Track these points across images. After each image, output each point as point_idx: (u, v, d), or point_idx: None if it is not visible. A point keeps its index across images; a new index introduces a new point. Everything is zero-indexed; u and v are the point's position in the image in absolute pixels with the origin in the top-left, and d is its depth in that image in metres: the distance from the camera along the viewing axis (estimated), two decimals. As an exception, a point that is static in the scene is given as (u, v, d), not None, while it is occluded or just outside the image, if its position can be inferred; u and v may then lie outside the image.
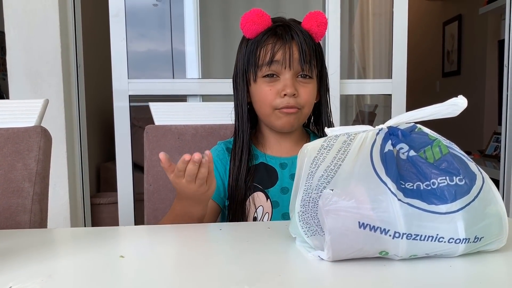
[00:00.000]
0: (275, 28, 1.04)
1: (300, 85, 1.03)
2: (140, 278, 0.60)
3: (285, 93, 1.01)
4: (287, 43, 1.01)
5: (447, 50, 5.03)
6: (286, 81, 1.01)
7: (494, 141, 3.83)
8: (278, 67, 1.02)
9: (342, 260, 0.63)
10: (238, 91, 1.09)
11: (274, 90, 1.02)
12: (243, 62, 1.07)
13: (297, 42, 1.02)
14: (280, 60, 1.01)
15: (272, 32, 1.03)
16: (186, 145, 1.28)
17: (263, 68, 1.03)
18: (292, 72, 1.02)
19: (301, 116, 1.06)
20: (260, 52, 1.03)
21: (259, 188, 1.06)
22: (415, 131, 0.69)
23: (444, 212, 0.60)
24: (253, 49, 1.04)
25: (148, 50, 3.11)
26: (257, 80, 1.04)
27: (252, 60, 1.04)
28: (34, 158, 1.07)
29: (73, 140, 2.18)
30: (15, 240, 0.78)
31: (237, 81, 1.09)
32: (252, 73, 1.05)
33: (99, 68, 2.66)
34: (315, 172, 0.66)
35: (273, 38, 1.02)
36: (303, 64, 1.02)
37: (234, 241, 0.77)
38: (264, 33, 1.03)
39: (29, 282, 0.57)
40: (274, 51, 1.01)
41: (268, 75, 1.03)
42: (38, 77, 2.03)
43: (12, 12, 2.00)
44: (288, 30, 1.03)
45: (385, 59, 2.50)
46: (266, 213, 1.05)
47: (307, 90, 1.04)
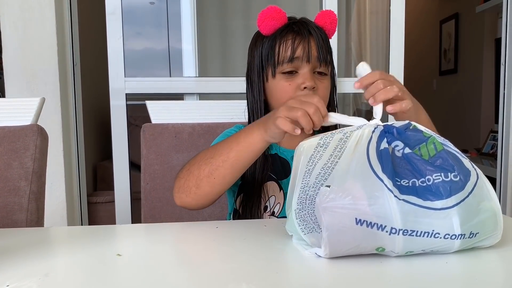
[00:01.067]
0: (291, 24, 1.04)
1: (318, 80, 1.04)
2: (137, 276, 0.60)
3: (305, 85, 1.01)
4: (305, 38, 1.02)
5: (444, 48, 5.04)
6: (305, 74, 1.02)
7: (491, 140, 3.84)
8: (298, 63, 1.02)
9: (338, 257, 0.63)
10: (253, 89, 1.08)
11: (294, 84, 1.02)
12: (259, 59, 1.06)
13: (315, 38, 1.03)
14: (299, 56, 1.01)
15: (290, 29, 1.03)
16: (183, 143, 1.28)
17: (283, 65, 1.03)
18: (310, 67, 1.03)
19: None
20: (279, 48, 1.03)
21: (273, 178, 1.07)
22: (410, 128, 0.69)
23: (439, 208, 0.60)
24: (272, 45, 1.03)
25: (145, 48, 3.11)
26: (276, 76, 1.04)
27: (271, 56, 1.04)
28: (30, 157, 1.07)
29: (70, 139, 2.17)
30: (11, 239, 0.78)
31: (252, 78, 1.09)
32: (271, 69, 1.04)
33: (95, 67, 2.65)
34: (312, 170, 0.66)
35: (292, 34, 1.03)
36: (321, 60, 1.03)
37: (231, 239, 0.77)
38: (282, 30, 1.04)
39: (26, 280, 0.57)
40: (294, 47, 1.01)
41: (287, 71, 1.03)
42: (35, 76, 2.03)
43: (8, 10, 2.00)
44: (305, 26, 1.03)
45: (382, 58, 2.51)
46: (278, 203, 1.05)
47: (324, 85, 1.05)
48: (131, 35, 2.66)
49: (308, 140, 0.71)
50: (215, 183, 0.90)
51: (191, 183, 0.92)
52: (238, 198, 1.08)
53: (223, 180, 0.91)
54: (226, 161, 0.89)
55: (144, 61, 3.14)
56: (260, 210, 1.05)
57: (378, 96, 0.76)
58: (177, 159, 1.27)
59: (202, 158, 0.93)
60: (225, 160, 0.89)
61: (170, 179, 1.26)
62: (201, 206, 0.96)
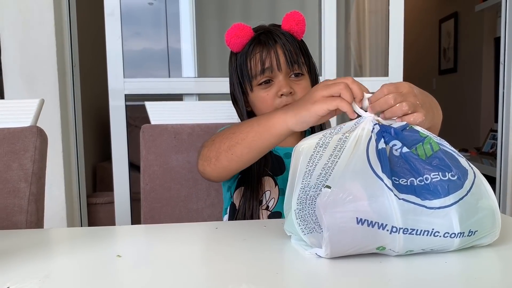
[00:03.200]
0: (258, 37, 1.07)
1: (294, 84, 1.06)
2: (137, 278, 0.60)
3: (282, 93, 1.04)
4: (272, 48, 1.05)
5: (444, 47, 5.04)
6: (280, 82, 1.05)
7: (491, 139, 3.84)
8: (269, 73, 1.05)
9: (338, 257, 0.63)
10: (238, 104, 1.13)
11: (271, 93, 1.06)
12: (236, 75, 1.11)
13: (281, 45, 1.06)
14: (269, 66, 1.05)
15: (256, 41, 1.07)
16: (183, 144, 1.28)
17: (257, 77, 1.06)
18: (284, 73, 1.05)
19: None
20: (250, 63, 1.06)
21: (269, 173, 1.09)
22: (407, 129, 0.69)
23: (438, 206, 0.60)
24: (243, 61, 1.08)
25: (144, 49, 3.11)
26: (254, 89, 1.08)
27: (244, 72, 1.08)
28: (30, 158, 1.07)
29: (69, 140, 2.17)
30: (11, 240, 0.78)
31: (235, 94, 1.13)
32: (247, 84, 1.08)
33: (94, 68, 2.65)
34: (313, 171, 0.66)
35: (259, 47, 1.06)
36: (291, 64, 1.05)
37: (231, 239, 0.77)
38: (250, 44, 1.07)
39: (26, 282, 0.57)
40: (263, 59, 1.05)
41: (263, 82, 1.06)
42: (33, 77, 2.03)
43: (6, 12, 2.00)
44: (270, 36, 1.06)
45: (382, 57, 2.51)
46: (272, 198, 1.07)
47: (301, 86, 1.07)
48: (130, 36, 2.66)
49: (306, 141, 0.71)
50: (233, 159, 0.93)
51: (211, 154, 0.96)
52: (236, 191, 1.10)
53: (241, 158, 0.93)
54: (244, 139, 0.91)
55: (143, 62, 3.13)
56: (256, 205, 1.06)
57: (386, 114, 0.73)
58: (176, 160, 1.27)
59: (226, 132, 0.96)
60: (244, 138, 0.91)
61: (169, 179, 1.26)
62: (219, 178, 1.01)
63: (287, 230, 0.72)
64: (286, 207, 0.72)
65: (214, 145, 0.96)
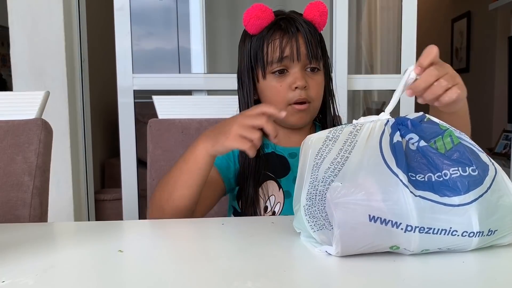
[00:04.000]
0: (278, 21, 1.02)
1: (309, 78, 1.02)
2: (137, 273, 0.58)
3: (296, 86, 0.99)
4: (293, 36, 1.00)
5: (456, 47, 4.98)
6: (296, 74, 1.00)
7: (504, 139, 3.78)
8: (287, 62, 1.00)
9: (349, 256, 0.61)
10: (244, 89, 1.07)
11: (285, 84, 1.01)
12: (248, 59, 1.04)
13: (303, 34, 1.00)
14: (288, 55, 1.00)
15: (277, 26, 1.01)
16: (190, 139, 1.26)
17: (273, 65, 1.01)
18: (301, 65, 1.01)
19: (312, 110, 1.05)
20: (268, 48, 1.01)
21: (271, 177, 1.04)
22: (425, 120, 0.66)
23: (457, 204, 0.57)
24: (260, 45, 1.02)
25: (154, 46, 3.10)
26: (267, 76, 1.02)
27: (260, 57, 1.02)
28: (34, 151, 1.05)
29: (77, 135, 2.16)
30: (12, 234, 0.76)
31: (242, 79, 1.07)
32: (260, 70, 1.03)
33: (104, 63, 2.64)
34: (321, 164, 0.63)
35: (279, 33, 1.00)
36: (311, 57, 1.01)
37: (237, 236, 0.75)
38: (269, 28, 1.01)
39: (22, 277, 0.55)
40: (283, 46, 0.99)
41: (278, 71, 1.01)
42: (42, 71, 2.01)
43: (16, 6, 1.99)
44: (292, 23, 1.01)
45: (393, 55, 2.47)
46: (278, 203, 1.03)
47: (316, 82, 1.03)
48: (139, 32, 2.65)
49: (316, 134, 0.68)
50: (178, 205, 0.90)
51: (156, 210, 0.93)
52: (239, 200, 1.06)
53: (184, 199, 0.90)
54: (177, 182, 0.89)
55: (152, 59, 3.12)
56: (260, 211, 1.03)
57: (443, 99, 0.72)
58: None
59: (161, 184, 0.93)
60: (177, 181, 0.89)
61: (176, 175, 1.24)
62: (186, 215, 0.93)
63: (296, 227, 0.70)
64: (295, 203, 0.69)
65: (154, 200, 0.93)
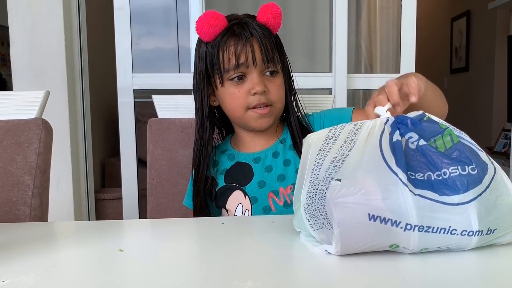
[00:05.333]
0: (232, 27, 1.00)
1: (268, 82, 1.01)
2: (137, 273, 0.58)
3: (255, 91, 0.99)
4: (247, 42, 0.99)
5: (455, 46, 4.99)
6: (254, 79, 1.00)
7: (503, 138, 3.79)
8: (244, 69, 1.00)
9: (349, 254, 0.61)
10: (200, 97, 1.06)
11: (244, 91, 1.00)
12: (204, 66, 1.03)
13: (257, 38, 0.99)
14: (244, 62, 0.99)
15: (231, 33, 1.00)
16: (190, 138, 1.26)
17: (229, 72, 1.00)
18: (258, 70, 1.00)
19: (274, 112, 1.04)
20: (223, 55, 1.00)
21: (236, 187, 1.06)
22: (424, 119, 0.66)
23: (456, 203, 0.57)
24: (215, 52, 1.00)
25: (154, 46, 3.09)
26: (224, 83, 1.02)
27: (216, 64, 1.01)
28: (34, 151, 1.05)
29: (77, 135, 2.16)
30: (13, 234, 0.77)
31: (199, 87, 1.06)
32: (218, 77, 1.02)
33: (103, 63, 2.64)
34: (322, 163, 0.63)
35: (233, 39, 0.99)
36: (267, 62, 1.00)
37: (237, 235, 0.75)
38: (223, 35, 1.00)
39: (23, 276, 0.55)
40: (238, 53, 0.98)
41: (237, 77, 1.00)
42: (42, 71, 2.02)
43: (16, 5, 1.99)
44: (245, 27, 1.00)
45: (393, 54, 2.47)
46: (246, 210, 1.04)
47: (276, 85, 1.03)
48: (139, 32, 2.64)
49: (316, 132, 0.68)
50: None
51: None
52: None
53: None
54: None
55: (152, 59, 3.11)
56: None
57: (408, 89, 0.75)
58: (183, 154, 1.25)
59: None
60: None
61: (176, 174, 1.24)
62: None
63: (296, 226, 0.70)
64: (295, 202, 0.69)
65: None
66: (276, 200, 1.02)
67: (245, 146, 1.10)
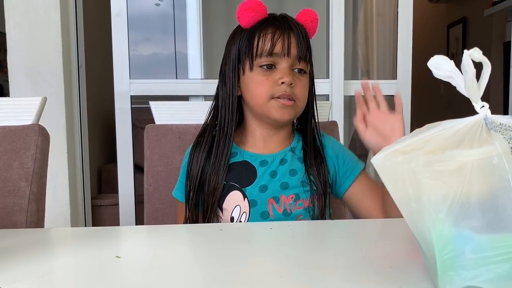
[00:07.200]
0: (272, 18, 1.02)
1: (296, 78, 1.02)
2: (134, 280, 0.58)
3: (283, 81, 0.99)
4: (285, 32, 1.00)
5: (452, 53, 5.00)
6: (284, 70, 1.00)
7: (499, 144, 3.79)
8: (277, 57, 1.00)
9: (347, 265, 0.60)
10: (227, 83, 1.05)
11: (271, 79, 1.00)
12: (236, 51, 1.03)
13: (296, 33, 1.01)
14: (279, 52, 0.99)
15: (270, 21, 1.01)
16: (187, 144, 1.25)
17: (262, 57, 1.00)
18: (290, 62, 1.00)
19: (296, 109, 1.04)
20: (259, 41, 1.00)
21: (236, 186, 1.03)
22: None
23: None
24: (251, 37, 1.01)
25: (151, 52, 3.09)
26: (254, 69, 1.01)
27: (249, 48, 1.01)
28: (31, 157, 1.05)
29: (74, 141, 2.16)
30: (9, 240, 0.76)
31: (226, 73, 1.06)
32: (248, 62, 1.02)
33: (100, 69, 2.64)
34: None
35: (272, 28, 1.00)
36: (301, 57, 1.01)
37: (235, 241, 0.75)
38: (262, 22, 1.01)
39: (19, 282, 0.55)
40: (274, 40, 0.99)
41: (266, 65, 1.00)
42: (39, 77, 2.01)
43: (13, 11, 1.99)
44: (286, 21, 1.02)
45: (389, 60, 2.48)
46: (244, 213, 1.02)
47: (303, 83, 1.03)
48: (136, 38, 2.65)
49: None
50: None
51: None
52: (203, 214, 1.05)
53: None
54: None
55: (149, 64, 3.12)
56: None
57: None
58: (180, 160, 1.25)
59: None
60: None
61: (173, 180, 1.24)
62: None
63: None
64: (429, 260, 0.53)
65: None
66: (276, 206, 1.01)
67: (253, 145, 1.08)
